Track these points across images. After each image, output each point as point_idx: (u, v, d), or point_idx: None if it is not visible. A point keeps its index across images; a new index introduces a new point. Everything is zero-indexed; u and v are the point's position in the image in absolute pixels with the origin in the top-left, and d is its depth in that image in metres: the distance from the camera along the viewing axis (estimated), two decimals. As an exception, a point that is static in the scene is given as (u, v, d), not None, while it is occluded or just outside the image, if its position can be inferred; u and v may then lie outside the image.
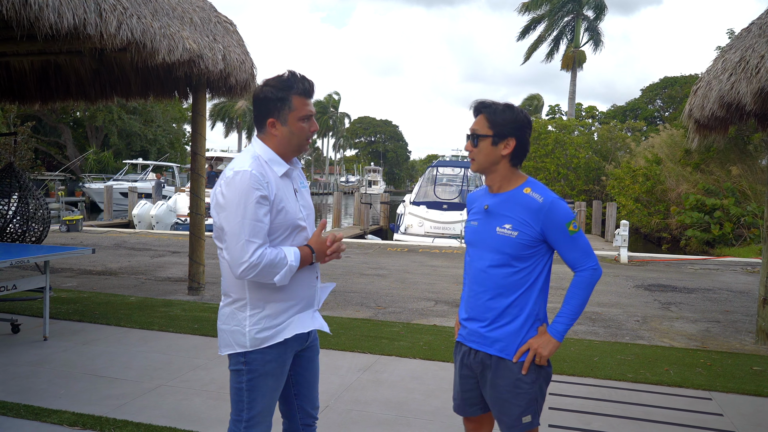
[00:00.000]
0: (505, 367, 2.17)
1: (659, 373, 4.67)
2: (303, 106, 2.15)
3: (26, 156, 28.61)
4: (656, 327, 6.44)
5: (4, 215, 8.14)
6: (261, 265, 2.04)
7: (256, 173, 2.07)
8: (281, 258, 2.08)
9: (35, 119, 34.85)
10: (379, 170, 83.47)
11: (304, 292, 2.25)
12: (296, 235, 2.20)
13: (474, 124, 2.20)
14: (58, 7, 4.67)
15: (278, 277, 2.08)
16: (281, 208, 2.13)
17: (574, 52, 35.84)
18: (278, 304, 2.17)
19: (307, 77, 2.19)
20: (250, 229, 2.03)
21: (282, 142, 2.18)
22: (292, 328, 2.20)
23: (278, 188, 2.14)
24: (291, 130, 2.16)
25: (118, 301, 6.84)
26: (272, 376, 2.19)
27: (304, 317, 2.25)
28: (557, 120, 35.14)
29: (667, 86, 40.14)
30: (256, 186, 2.04)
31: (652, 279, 9.85)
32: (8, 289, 4.69)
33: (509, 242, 2.13)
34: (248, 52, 7.57)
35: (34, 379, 4.11)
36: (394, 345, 5.28)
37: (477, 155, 2.20)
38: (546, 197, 2.12)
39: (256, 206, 2.04)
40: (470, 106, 2.23)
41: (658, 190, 20.61)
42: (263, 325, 2.15)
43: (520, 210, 2.14)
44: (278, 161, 2.18)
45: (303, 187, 2.33)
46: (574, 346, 5.43)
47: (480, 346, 2.22)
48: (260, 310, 2.15)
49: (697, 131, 5.90)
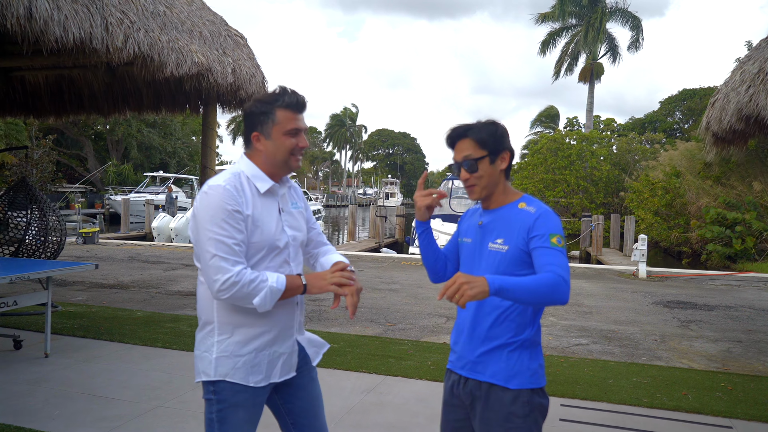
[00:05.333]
0: (496, 397, 2.00)
1: (677, 398, 4.46)
2: (288, 120, 2.04)
3: (47, 168, 29.11)
4: (675, 347, 6.21)
5: (22, 228, 8.18)
6: (238, 285, 1.91)
7: (230, 188, 1.97)
8: (262, 279, 1.95)
9: (57, 132, 35.50)
10: (396, 182, 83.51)
11: (279, 317, 2.07)
12: (274, 257, 2.06)
13: (461, 151, 2.06)
14: (64, 22, 4.66)
15: (257, 299, 1.94)
16: (257, 226, 2.01)
17: (593, 65, 35.57)
18: (248, 330, 2.03)
19: (296, 91, 2.08)
20: (223, 246, 1.93)
21: (268, 157, 2.08)
22: (260, 370, 2.04)
23: (256, 206, 2.03)
24: (275, 144, 2.05)
25: (126, 315, 6.78)
26: (243, 408, 2.03)
27: (281, 356, 2.09)
28: (577, 132, 34.85)
29: (686, 98, 39.68)
30: (227, 201, 1.95)
31: (671, 295, 9.57)
32: (8, 306, 4.65)
33: (501, 258, 2.00)
34: (259, 66, 7.56)
35: (30, 399, 4.03)
36: (401, 365, 5.13)
37: (479, 180, 2.05)
38: (539, 208, 2.02)
39: (227, 222, 1.94)
40: (446, 137, 2.11)
41: (678, 204, 20.22)
42: (230, 352, 2.01)
43: (514, 224, 2.02)
44: (262, 177, 2.07)
45: (295, 208, 2.19)
46: (588, 367, 5.24)
47: (470, 373, 2.06)
48: (228, 335, 2.02)
49: (715, 144, 5.72)
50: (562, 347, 6.07)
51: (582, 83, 36.60)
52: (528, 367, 2.00)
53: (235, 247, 1.94)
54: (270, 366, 2.07)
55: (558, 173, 29.75)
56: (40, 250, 8.10)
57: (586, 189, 29.08)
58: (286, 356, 2.11)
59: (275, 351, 2.08)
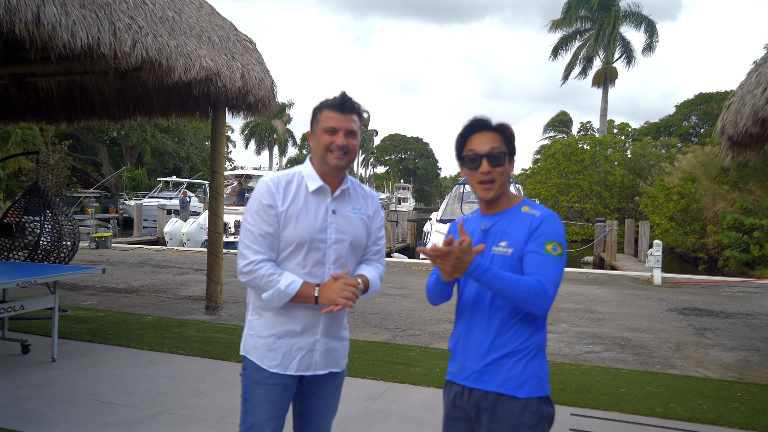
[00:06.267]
0: (504, 408, 1.91)
1: (691, 408, 4.34)
2: (328, 119, 2.13)
3: (63, 174, 29.41)
4: (690, 355, 6.08)
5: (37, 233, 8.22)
6: (254, 273, 2.06)
7: (271, 183, 2.12)
8: (275, 279, 2.06)
9: (73, 138, 35.88)
10: (408, 187, 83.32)
11: (302, 314, 2.15)
12: (306, 254, 2.12)
13: (488, 143, 1.98)
14: (72, 27, 4.67)
15: (266, 294, 2.08)
16: (291, 221, 2.10)
17: (606, 69, 35.28)
18: (273, 317, 2.16)
19: (346, 94, 2.16)
20: (249, 235, 2.09)
21: (315, 155, 2.19)
22: (275, 357, 2.14)
23: (297, 201, 2.12)
24: (317, 142, 2.16)
25: (134, 320, 6.78)
26: (263, 386, 2.14)
27: (300, 350, 2.16)
28: (591, 137, 34.58)
29: (702, 102, 39.24)
30: (263, 195, 2.10)
31: (686, 302, 9.40)
32: (15, 310, 4.65)
33: (504, 261, 1.94)
34: (268, 70, 7.54)
35: (34, 404, 4.01)
36: (409, 371, 5.06)
37: (500, 177, 1.99)
38: (543, 211, 1.98)
39: (259, 214, 2.09)
40: (469, 125, 2.01)
41: (694, 209, 19.95)
42: (255, 332, 2.18)
43: (518, 227, 1.97)
44: (313, 177, 2.17)
45: (355, 213, 2.22)
46: (599, 375, 5.13)
47: (475, 383, 1.97)
48: (258, 317, 2.19)
49: (731, 148, 5.59)
50: (573, 354, 5.96)
51: (596, 87, 36.31)
52: (537, 375, 1.93)
53: (260, 238, 2.08)
54: (287, 356, 2.14)
55: (571, 178, 29.52)
56: (53, 255, 8.15)
57: (599, 194, 28.82)
58: (305, 352, 2.16)
59: (294, 343, 2.15)
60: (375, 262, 2.32)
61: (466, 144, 2.02)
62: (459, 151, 2.05)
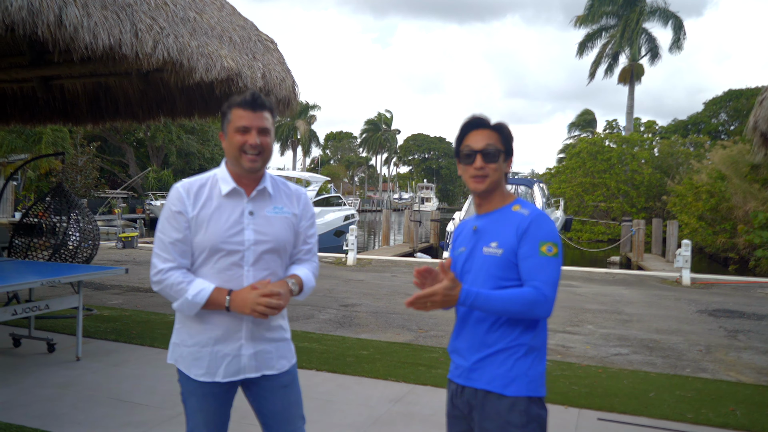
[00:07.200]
0: (492, 405, 1.91)
1: (724, 414, 4.19)
2: (239, 118, 2.05)
3: (91, 175, 29.96)
4: (721, 358, 5.89)
5: (63, 232, 8.35)
6: (163, 283, 2.03)
7: (182, 189, 2.07)
8: (182, 288, 2.02)
9: (101, 140, 36.55)
10: (431, 187, 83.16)
11: (222, 320, 2.07)
12: (221, 259, 2.05)
13: (483, 139, 2.00)
14: (93, 28, 4.69)
15: (176, 303, 2.05)
16: (202, 226, 2.04)
17: (632, 66, 34.69)
18: (193, 324, 2.11)
19: (255, 92, 2.09)
20: (159, 243, 2.06)
21: (228, 157, 2.12)
22: (201, 365, 2.08)
23: (209, 206, 2.06)
24: (229, 142, 2.08)
25: (158, 320, 6.82)
26: (194, 396, 2.10)
27: (225, 357, 2.08)
28: (617, 135, 34.05)
29: (731, 99, 38.35)
30: (173, 202, 2.06)
31: (717, 303, 9.16)
32: (41, 309, 4.69)
33: (495, 262, 1.93)
34: (289, 70, 7.53)
35: (58, 403, 4.04)
36: (432, 373, 4.99)
37: (493, 173, 2.00)
38: (533, 211, 1.96)
39: (168, 222, 2.05)
40: (468, 123, 2.04)
41: (724, 208, 19.48)
42: (180, 341, 2.13)
43: (507, 227, 1.96)
44: (226, 179, 2.11)
45: (277, 212, 2.13)
46: (627, 379, 4.99)
47: (466, 381, 1.99)
48: (180, 325, 2.15)
49: (764, 145, 5.40)
50: (600, 357, 5.82)
51: (621, 85, 35.77)
52: (526, 374, 1.92)
53: (170, 245, 2.03)
54: (212, 364, 2.08)
55: (597, 177, 29.11)
56: (79, 255, 8.26)
57: (626, 193, 28.37)
58: (231, 358, 2.09)
59: (219, 350, 2.08)
60: (307, 261, 2.26)
61: (463, 141, 2.04)
62: (457, 148, 2.07)
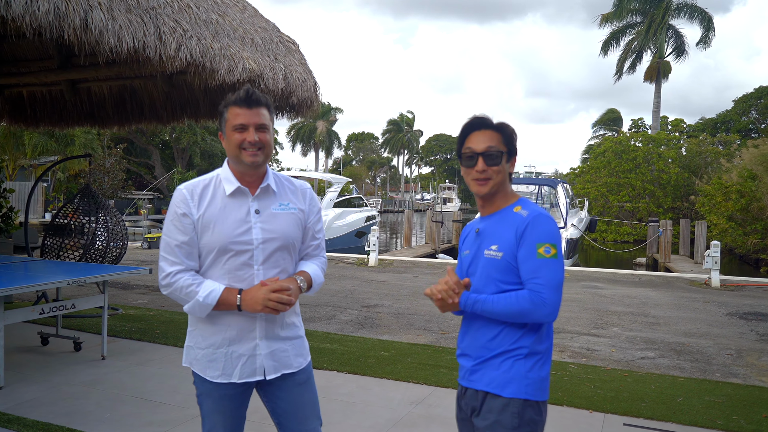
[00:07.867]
0: (488, 407, 1.91)
1: (756, 421, 4.07)
2: (236, 115, 2.05)
3: (119, 176, 30.47)
4: (753, 363, 5.73)
5: (93, 233, 8.49)
6: (173, 286, 2.02)
7: (185, 191, 2.06)
8: (193, 290, 2.01)
9: (127, 141, 37.15)
10: (453, 188, 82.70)
11: (235, 320, 2.07)
12: (231, 259, 2.04)
13: (485, 141, 1.96)
14: (118, 31, 4.75)
15: (187, 306, 2.04)
16: (209, 227, 2.03)
17: (659, 63, 34.05)
18: (206, 326, 2.10)
19: (249, 88, 2.07)
20: (166, 246, 2.04)
21: (229, 156, 2.11)
22: (217, 367, 2.07)
23: (214, 206, 2.05)
24: (228, 141, 2.08)
25: (182, 319, 6.88)
26: (210, 398, 2.10)
27: (240, 357, 2.08)
28: (643, 134, 33.49)
29: (762, 96, 37.45)
30: (177, 204, 2.05)
31: (748, 306, 8.92)
32: (67, 308, 4.77)
33: (495, 265, 1.92)
34: (311, 71, 7.55)
35: (83, 401, 4.10)
36: (453, 375, 4.94)
37: (496, 175, 1.97)
38: (532, 211, 1.93)
39: (173, 224, 2.04)
40: (468, 124, 2.00)
41: (755, 208, 19.01)
42: (194, 344, 2.12)
43: (507, 229, 1.93)
44: (230, 179, 2.10)
45: (280, 209, 2.12)
46: (654, 383, 4.89)
47: (468, 383, 1.99)
48: (193, 328, 2.14)
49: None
50: (626, 360, 5.71)
51: (648, 83, 35.12)
52: (525, 376, 1.89)
53: (176, 248, 2.03)
54: (228, 365, 2.07)
55: (623, 176, 28.68)
56: (108, 255, 8.39)
57: (653, 193, 27.89)
58: (246, 358, 2.09)
59: (233, 351, 2.08)
60: (316, 257, 2.26)
61: (464, 142, 2.01)
62: (459, 149, 2.03)
